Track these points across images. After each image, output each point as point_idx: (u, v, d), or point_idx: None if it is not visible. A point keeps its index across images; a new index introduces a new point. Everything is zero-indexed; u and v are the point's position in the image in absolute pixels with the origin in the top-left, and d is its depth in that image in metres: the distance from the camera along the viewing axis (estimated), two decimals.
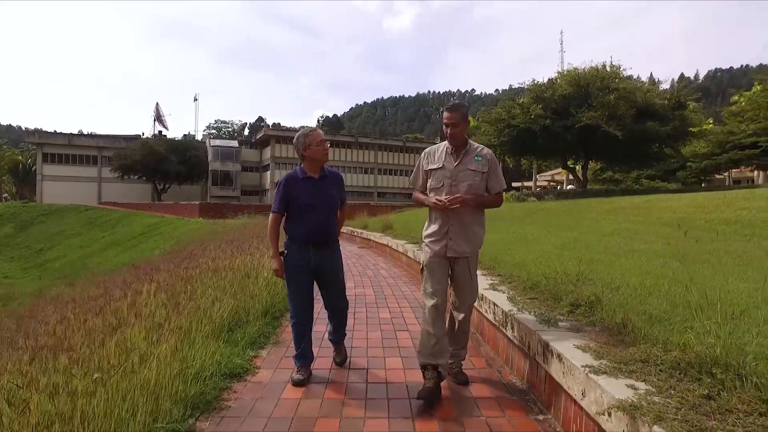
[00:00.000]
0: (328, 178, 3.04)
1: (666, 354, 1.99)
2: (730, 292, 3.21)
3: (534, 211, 15.37)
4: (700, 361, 1.84)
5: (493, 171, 2.81)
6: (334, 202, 3.05)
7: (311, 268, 2.96)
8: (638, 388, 1.73)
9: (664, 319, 2.52)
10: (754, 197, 9.81)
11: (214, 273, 5.18)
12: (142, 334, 2.82)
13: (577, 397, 2.02)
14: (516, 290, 3.68)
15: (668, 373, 1.84)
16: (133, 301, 3.96)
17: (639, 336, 2.31)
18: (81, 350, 2.68)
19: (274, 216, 2.99)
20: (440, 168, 2.80)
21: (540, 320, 2.79)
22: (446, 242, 2.76)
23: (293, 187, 2.95)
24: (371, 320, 4.49)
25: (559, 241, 7.71)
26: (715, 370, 1.76)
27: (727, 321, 2.33)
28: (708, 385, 1.69)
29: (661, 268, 4.60)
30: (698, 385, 1.70)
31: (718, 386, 1.66)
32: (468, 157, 2.78)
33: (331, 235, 3.06)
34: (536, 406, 2.56)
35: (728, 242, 6.66)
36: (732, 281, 3.84)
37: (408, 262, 7.81)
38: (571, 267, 3.99)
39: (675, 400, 1.61)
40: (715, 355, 1.83)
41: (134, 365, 2.29)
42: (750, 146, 22.71)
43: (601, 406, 1.76)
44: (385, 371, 3.14)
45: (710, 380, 1.72)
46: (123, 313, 3.53)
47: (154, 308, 3.42)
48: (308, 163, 2.98)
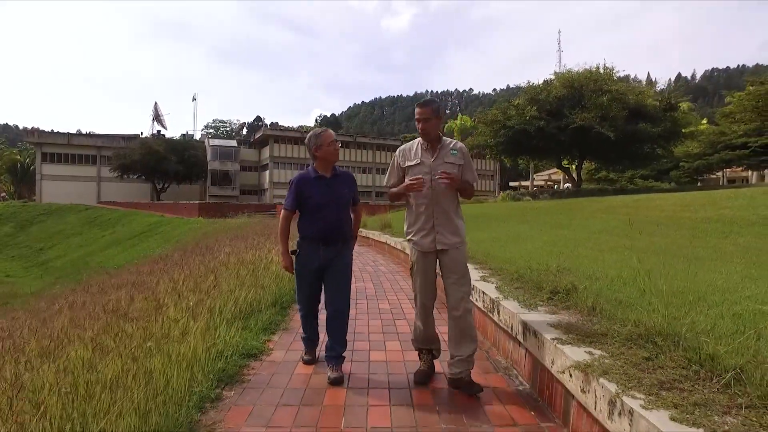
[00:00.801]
0: (340, 178, 3.10)
1: (622, 328, 2.38)
2: (695, 282, 3.59)
3: (528, 210, 15.78)
4: (648, 332, 2.23)
5: (467, 163, 2.89)
6: (345, 201, 3.10)
7: (320, 265, 3.02)
8: (594, 354, 2.12)
9: (631, 304, 2.89)
10: (737, 197, 10.23)
11: (228, 266, 5.56)
12: (179, 313, 3.20)
13: (548, 366, 2.40)
14: (503, 281, 4.06)
15: (621, 343, 2.22)
16: (172, 286, 4.37)
17: (605, 317, 2.70)
18: (135, 324, 3.09)
19: (285, 213, 3.08)
20: (418, 164, 2.84)
21: (522, 305, 3.17)
22: (434, 236, 2.81)
23: (305, 185, 3.00)
24: (372, 310, 4.87)
25: (550, 238, 8.11)
26: (657, 339, 2.14)
27: (685, 304, 2.72)
28: (650, 350, 2.07)
29: (639, 262, 5.00)
30: (642, 350, 2.08)
31: (657, 350, 2.05)
32: (444, 150, 2.85)
33: (343, 234, 3.07)
34: (518, 379, 2.94)
35: (708, 239, 7.07)
36: (701, 273, 4.22)
37: (405, 258, 8.18)
38: (558, 261, 4.38)
39: (621, 360, 2.00)
40: (659, 327, 2.22)
41: (176, 338, 2.67)
42: (740, 147, 23.18)
43: (562, 368, 2.15)
44: (385, 352, 3.53)
45: (652, 347, 2.10)
46: (162, 296, 3.93)
47: (187, 293, 3.81)
48: (320, 162, 3.05)
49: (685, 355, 1.93)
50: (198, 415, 2.39)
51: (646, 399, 1.63)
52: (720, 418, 1.47)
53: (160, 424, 2.08)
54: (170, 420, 2.16)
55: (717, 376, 1.73)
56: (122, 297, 4.28)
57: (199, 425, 2.30)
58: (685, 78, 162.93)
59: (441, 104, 2.96)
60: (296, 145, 49.72)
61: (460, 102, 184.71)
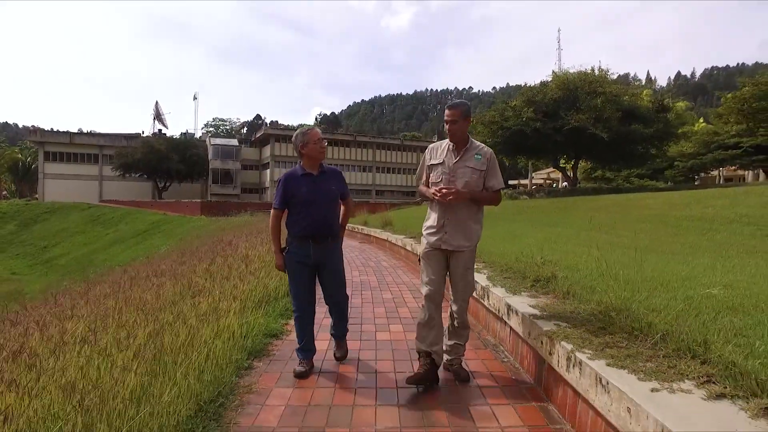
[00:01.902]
0: (327, 175, 3.13)
1: (587, 306, 2.88)
2: (664, 273, 4.09)
3: (525, 208, 16.28)
4: (606, 309, 2.73)
5: (491, 169, 2.86)
6: (333, 197, 3.14)
7: (312, 262, 3.04)
8: (560, 325, 2.62)
9: (603, 290, 3.39)
10: (720, 196, 10.74)
11: (248, 259, 6.09)
12: (218, 297, 3.72)
13: (525, 337, 2.91)
14: (494, 272, 4.56)
15: (584, 318, 2.72)
16: (209, 276, 4.93)
17: (576, 299, 3.20)
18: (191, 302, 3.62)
19: (275, 213, 3.11)
20: (440, 164, 2.88)
21: (508, 291, 3.67)
22: (441, 235, 2.84)
23: (293, 183, 3.04)
24: (376, 300, 5.37)
25: (543, 235, 8.60)
26: (612, 313, 2.64)
27: (647, 289, 3.21)
28: (605, 322, 2.57)
29: (620, 256, 5.50)
30: (598, 322, 2.58)
31: (610, 322, 2.54)
32: (468, 154, 2.84)
33: (332, 230, 3.11)
34: (503, 353, 3.45)
35: (687, 236, 7.57)
36: (671, 265, 4.73)
37: (406, 254, 8.68)
38: (542, 254, 4.88)
39: (581, 330, 2.50)
40: (615, 305, 2.72)
41: (221, 314, 3.19)
42: (733, 147, 23.72)
43: (535, 336, 2.66)
44: (389, 333, 4.04)
45: (608, 320, 2.60)
46: (201, 281, 4.46)
47: (221, 280, 4.33)
48: (306, 160, 3.09)
49: (630, 324, 2.43)
50: (236, 378, 2.90)
51: (593, 354, 2.14)
52: (642, 363, 1.97)
53: (210, 383, 2.59)
54: (218, 380, 2.67)
55: (650, 337, 2.24)
56: (165, 283, 4.78)
57: (239, 386, 2.80)
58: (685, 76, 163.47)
59: (470, 106, 2.94)
60: None
61: None
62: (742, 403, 1.59)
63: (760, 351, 1.95)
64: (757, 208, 8.73)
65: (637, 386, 1.78)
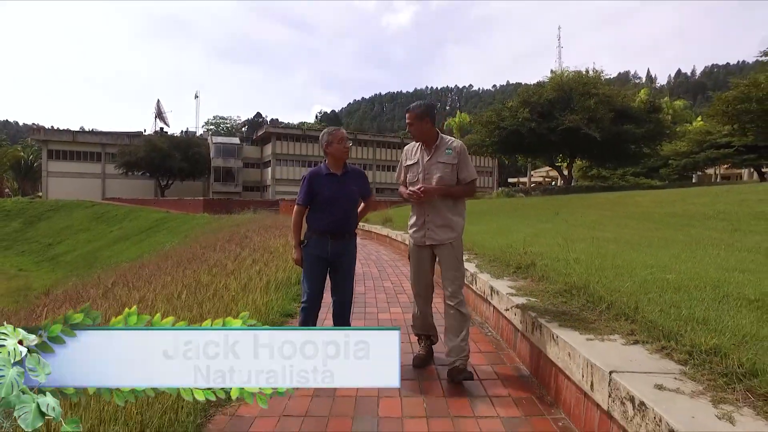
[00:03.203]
0: (350, 175, 3.24)
1: (554, 286, 3.46)
2: (633, 261, 4.65)
3: (520, 206, 16.84)
4: (569, 288, 3.31)
5: (462, 162, 2.95)
6: (354, 197, 3.24)
7: (328, 258, 3.14)
8: (530, 299, 3.20)
9: (569, 274, 3.97)
10: (704, 194, 11.32)
11: (266, 250, 6.71)
12: (245, 280, 4.32)
13: (502, 310, 3.49)
14: (483, 261, 5.14)
15: (551, 294, 3.29)
16: (238, 263, 5.57)
17: (549, 281, 3.77)
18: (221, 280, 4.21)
19: (298, 208, 3.18)
20: (415, 163, 3.04)
21: (492, 276, 4.24)
22: (425, 232, 2.99)
23: (317, 181, 3.14)
24: (377, 287, 5.96)
25: (533, 230, 9.16)
26: (574, 291, 3.22)
27: (613, 275, 3.78)
28: (567, 296, 3.15)
29: (598, 248, 6.07)
30: (562, 298, 3.16)
31: (571, 297, 3.12)
32: (439, 150, 2.96)
33: (350, 228, 3.23)
34: (488, 329, 4.03)
35: (666, 230, 8.14)
36: (642, 256, 5.29)
37: (406, 249, 9.22)
38: (524, 246, 5.45)
39: (546, 303, 3.08)
40: (577, 285, 3.30)
41: (251, 290, 3.80)
42: (724, 146, 24.30)
43: (510, 309, 3.24)
44: (389, 314, 4.62)
45: (570, 295, 3.18)
46: (231, 267, 5.09)
47: (250, 264, 4.95)
48: (331, 159, 3.19)
49: (586, 298, 3.00)
50: None
51: (551, 319, 2.71)
52: (587, 325, 2.54)
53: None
54: None
55: (598, 307, 2.81)
56: (199, 269, 5.38)
57: None
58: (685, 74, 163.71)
59: (430, 106, 3.02)
60: (298, 143, 50.72)
61: (460, 98, 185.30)
62: (648, 346, 2.16)
63: (679, 315, 2.52)
64: (734, 205, 9.31)
65: (578, 339, 2.35)
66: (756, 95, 16.30)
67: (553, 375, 2.54)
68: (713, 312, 2.60)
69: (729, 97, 17.40)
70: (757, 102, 16.26)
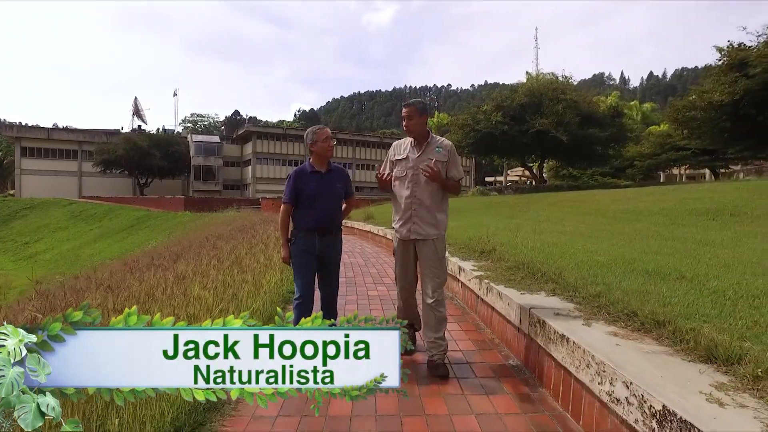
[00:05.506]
0: (334, 173, 3.29)
1: (506, 263, 4.44)
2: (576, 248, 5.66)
3: (492, 204, 17.99)
4: (519, 264, 4.29)
5: (452, 161, 3.02)
6: (338, 194, 3.30)
7: (316, 254, 3.21)
8: (487, 273, 4.17)
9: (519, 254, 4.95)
10: (654, 193, 12.61)
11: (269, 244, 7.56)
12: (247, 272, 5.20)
13: (466, 282, 4.46)
14: (454, 248, 6.11)
15: (503, 269, 4.27)
16: (251, 255, 6.41)
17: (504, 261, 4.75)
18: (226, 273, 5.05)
19: (285, 206, 3.22)
20: (404, 159, 3.08)
21: (461, 259, 5.21)
22: (410, 226, 3.04)
23: (302, 179, 3.19)
24: (365, 273, 6.88)
25: (503, 225, 10.21)
26: (521, 267, 4.19)
27: (559, 256, 4.78)
28: (515, 270, 4.13)
29: (554, 239, 7.11)
30: (511, 272, 4.14)
31: (518, 270, 4.10)
32: (430, 148, 3.02)
33: (335, 225, 3.31)
34: (456, 301, 4.99)
35: (617, 225, 9.28)
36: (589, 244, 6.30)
37: (387, 243, 10.18)
38: (495, 237, 6.44)
39: (498, 275, 4.05)
40: (523, 262, 4.28)
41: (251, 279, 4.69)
42: (683, 148, 26.07)
43: (469, 279, 4.22)
44: (377, 291, 5.56)
45: (517, 269, 4.15)
46: (242, 257, 5.92)
47: (256, 255, 5.82)
48: (315, 157, 3.24)
49: (529, 271, 3.99)
50: None
51: (500, 283, 3.68)
52: (525, 286, 3.52)
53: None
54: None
55: (536, 277, 3.79)
56: (211, 261, 6.19)
57: None
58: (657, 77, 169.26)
59: (427, 103, 3.12)
60: (278, 141, 51.14)
61: (439, 98, 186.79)
62: (561, 296, 3.15)
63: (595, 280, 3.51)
64: (677, 202, 10.56)
65: (515, 295, 3.32)
66: (700, 104, 17.67)
67: (500, 322, 3.51)
68: (616, 278, 3.60)
69: (679, 105, 18.88)
70: (702, 110, 17.63)
